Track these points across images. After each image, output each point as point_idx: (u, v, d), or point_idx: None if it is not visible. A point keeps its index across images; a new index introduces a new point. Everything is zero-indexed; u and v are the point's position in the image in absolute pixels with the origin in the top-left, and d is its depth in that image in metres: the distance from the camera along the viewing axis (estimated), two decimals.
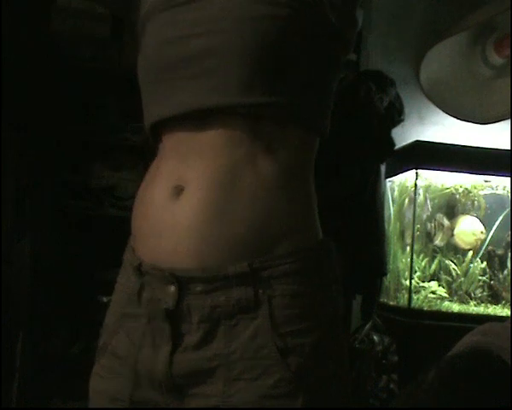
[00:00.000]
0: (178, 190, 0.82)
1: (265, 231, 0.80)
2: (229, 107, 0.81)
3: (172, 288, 0.79)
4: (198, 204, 0.80)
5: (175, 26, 0.85)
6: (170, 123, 0.86)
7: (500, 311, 2.35)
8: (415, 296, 2.34)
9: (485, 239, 2.43)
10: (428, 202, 2.44)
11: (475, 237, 2.42)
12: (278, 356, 0.76)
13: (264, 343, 0.77)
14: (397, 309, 2.39)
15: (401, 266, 2.47)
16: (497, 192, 2.48)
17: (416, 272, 2.39)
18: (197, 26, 0.83)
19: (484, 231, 2.42)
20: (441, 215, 2.44)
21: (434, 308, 2.32)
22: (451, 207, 2.48)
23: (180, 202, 0.81)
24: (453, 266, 2.42)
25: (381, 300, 2.44)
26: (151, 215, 0.84)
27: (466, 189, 2.47)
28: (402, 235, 2.51)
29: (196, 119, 0.83)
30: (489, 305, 2.38)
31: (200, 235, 0.79)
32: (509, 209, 2.43)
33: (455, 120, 2.66)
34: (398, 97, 2.35)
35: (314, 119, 0.88)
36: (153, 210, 0.84)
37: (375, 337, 2.22)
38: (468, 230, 2.42)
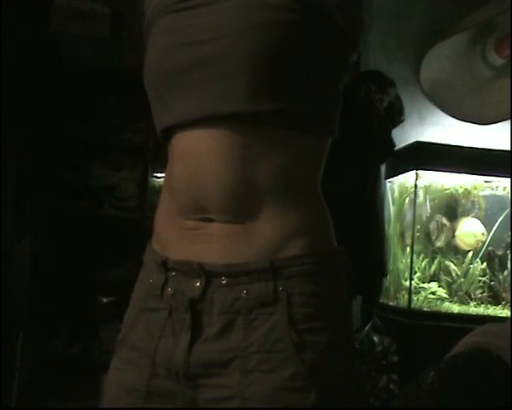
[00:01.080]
0: (200, 205, 0.84)
1: (286, 233, 0.83)
2: (236, 114, 0.82)
3: (199, 281, 0.83)
4: (224, 214, 0.83)
5: (180, 31, 0.86)
6: (179, 128, 0.87)
7: (500, 311, 2.35)
8: (415, 297, 2.34)
9: (485, 240, 2.43)
10: (428, 202, 2.44)
11: (476, 239, 2.42)
12: (293, 351, 0.79)
13: (280, 337, 0.80)
14: (397, 310, 2.39)
15: (401, 266, 2.47)
16: (497, 193, 2.48)
17: (415, 272, 2.39)
18: (203, 32, 0.83)
19: (485, 233, 2.42)
20: (441, 216, 2.44)
21: (434, 309, 2.32)
22: (451, 207, 2.48)
23: (205, 211, 0.84)
24: (453, 266, 2.42)
25: (381, 300, 2.44)
26: (177, 220, 0.87)
27: (466, 189, 2.47)
28: (402, 236, 2.51)
29: (204, 124, 0.83)
30: (489, 306, 2.38)
31: (226, 236, 0.83)
32: (509, 210, 2.42)
33: (455, 120, 2.65)
34: (398, 98, 2.35)
35: (323, 122, 0.89)
36: (178, 217, 0.87)
37: (375, 338, 2.22)
38: (470, 231, 2.42)
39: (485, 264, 2.43)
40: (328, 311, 0.84)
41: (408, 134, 2.58)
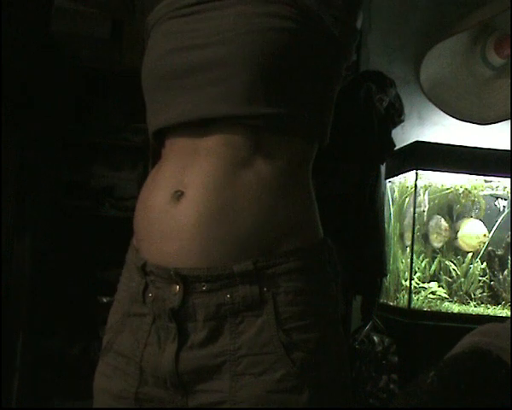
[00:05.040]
0: (179, 194, 0.83)
1: (268, 230, 0.82)
2: (231, 117, 0.83)
3: (177, 287, 0.81)
4: (200, 205, 0.81)
5: (182, 35, 0.86)
6: (173, 129, 0.87)
7: (500, 311, 2.35)
8: (415, 297, 2.34)
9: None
10: (426, 202, 2.44)
11: (478, 241, 2.41)
12: (283, 351, 0.79)
13: (269, 339, 0.79)
14: (397, 310, 2.39)
15: (401, 266, 2.48)
16: (498, 193, 2.48)
17: (415, 272, 2.39)
18: (202, 37, 0.84)
19: (487, 234, 2.42)
20: (439, 217, 2.44)
21: (434, 309, 2.32)
22: (451, 207, 2.48)
23: (182, 205, 0.82)
24: (453, 266, 2.42)
25: (381, 300, 2.44)
26: (154, 217, 0.85)
27: (466, 189, 2.47)
28: (402, 235, 2.51)
29: (199, 126, 0.84)
30: (489, 305, 2.38)
31: (204, 235, 0.80)
32: (509, 210, 2.43)
33: (455, 120, 2.66)
34: (397, 98, 2.34)
35: (314, 129, 0.90)
36: (155, 213, 0.85)
37: (375, 338, 2.22)
38: (472, 233, 2.42)
39: (485, 264, 2.43)
40: (315, 307, 0.83)
41: (408, 134, 2.58)
